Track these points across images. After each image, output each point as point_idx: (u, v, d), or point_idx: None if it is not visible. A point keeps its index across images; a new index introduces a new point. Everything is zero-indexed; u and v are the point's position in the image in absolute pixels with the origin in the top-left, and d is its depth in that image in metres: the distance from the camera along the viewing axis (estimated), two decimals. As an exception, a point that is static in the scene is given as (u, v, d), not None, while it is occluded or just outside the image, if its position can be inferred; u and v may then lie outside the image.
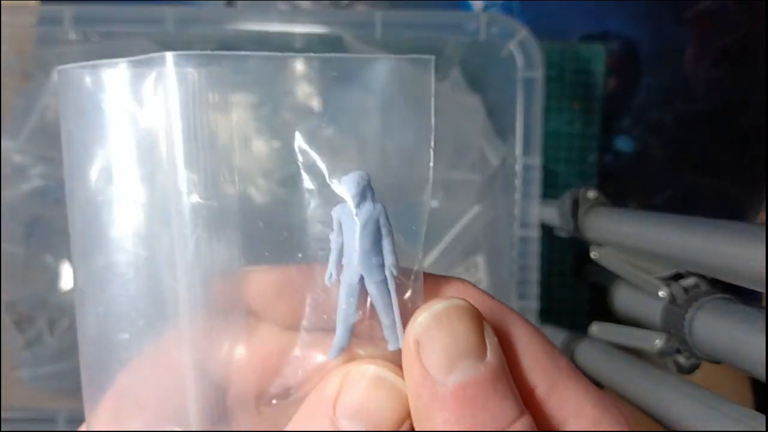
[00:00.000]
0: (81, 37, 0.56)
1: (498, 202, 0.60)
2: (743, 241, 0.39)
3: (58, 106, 0.23)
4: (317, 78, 0.22)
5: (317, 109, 0.22)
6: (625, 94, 0.68)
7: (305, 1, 0.66)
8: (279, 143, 0.22)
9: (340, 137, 0.22)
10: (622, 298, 0.55)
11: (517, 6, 0.67)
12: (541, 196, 0.56)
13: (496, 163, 0.60)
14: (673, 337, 0.46)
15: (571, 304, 0.67)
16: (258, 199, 0.23)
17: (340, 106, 0.22)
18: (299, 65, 0.22)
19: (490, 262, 0.62)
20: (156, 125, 0.22)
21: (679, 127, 0.68)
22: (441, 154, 0.62)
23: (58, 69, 0.22)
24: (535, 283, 0.56)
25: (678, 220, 0.46)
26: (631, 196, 0.69)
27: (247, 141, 0.22)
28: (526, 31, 0.56)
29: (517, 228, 0.56)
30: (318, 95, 0.22)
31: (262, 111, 0.22)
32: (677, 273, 0.47)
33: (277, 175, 0.23)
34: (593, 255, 0.54)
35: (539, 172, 0.56)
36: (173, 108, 0.21)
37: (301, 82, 0.22)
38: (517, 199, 0.56)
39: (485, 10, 0.66)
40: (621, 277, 0.53)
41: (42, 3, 0.62)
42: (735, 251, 0.40)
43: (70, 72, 0.22)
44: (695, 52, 0.67)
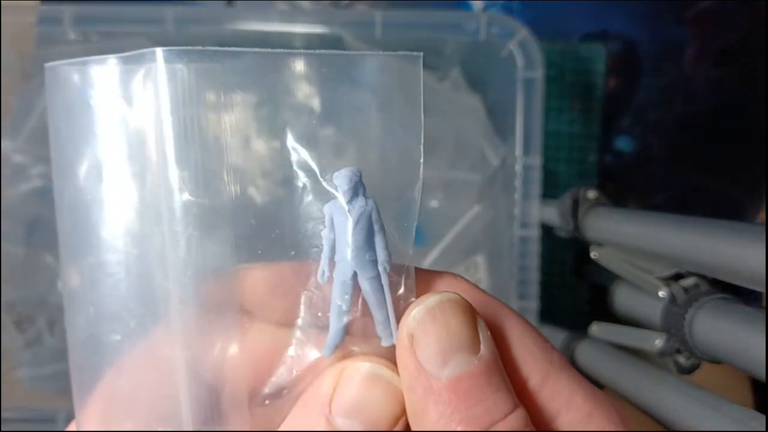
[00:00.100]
0: (81, 37, 0.56)
1: (498, 202, 0.60)
2: (743, 241, 0.39)
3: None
4: (308, 75, 0.22)
5: (308, 106, 0.22)
6: (625, 94, 0.67)
7: (305, 1, 0.66)
8: (270, 140, 0.22)
9: (331, 134, 0.22)
10: (622, 298, 0.55)
11: (517, 6, 0.66)
12: (541, 196, 0.56)
13: (496, 163, 0.60)
14: (673, 337, 0.46)
15: (571, 304, 0.66)
16: (250, 197, 0.22)
17: (331, 103, 0.22)
18: (290, 62, 0.22)
19: (490, 262, 0.61)
20: (146, 122, 0.21)
21: (679, 127, 0.68)
22: (441, 154, 0.62)
23: (45, 66, 0.22)
24: (535, 283, 0.56)
25: (678, 220, 0.46)
26: (631, 196, 0.69)
27: (239, 138, 0.22)
28: (526, 31, 0.56)
29: (517, 228, 0.56)
30: (309, 92, 0.22)
31: (253, 108, 0.22)
32: (677, 273, 0.47)
33: (268, 172, 0.22)
34: (593, 255, 0.54)
35: (539, 172, 0.56)
36: (164, 105, 0.21)
37: (293, 79, 0.22)
38: (517, 199, 0.56)
39: (485, 10, 0.66)
40: (621, 277, 0.53)
41: (42, 3, 0.62)
42: (735, 251, 0.40)
43: (57, 69, 0.22)
44: (695, 52, 0.67)
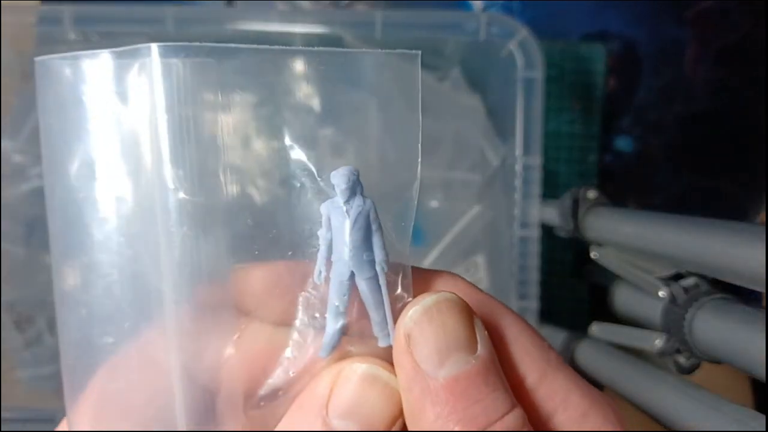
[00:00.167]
0: (81, 37, 0.56)
1: (498, 202, 0.60)
2: (743, 241, 0.39)
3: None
4: (306, 73, 0.21)
5: (306, 104, 0.22)
6: (625, 94, 0.67)
7: (305, 1, 0.65)
8: (267, 139, 0.22)
9: (328, 133, 0.22)
10: (622, 298, 0.55)
11: (517, 6, 0.66)
12: (541, 196, 0.56)
13: (496, 163, 0.60)
14: (673, 337, 0.46)
15: (571, 304, 0.66)
16: (247, 196, 0.22)
17: (329, 101, 0.22)
18: (287, 59, 0.21)
19: (490, 262, 0.61)
20: (140, 119, 0.21)
21: (679, 127, 0.68)
22: (441, 154, 0.62)
23: (36, 60, 0.21)
24: (535, 283, 0.56)
25: (678, 220, 0.46)
26: (631, 196, 0.69)
27: (236, 136, 0.22)
28: (526, 31, 0.56)
29: (517, 228, 0.56)
30: (306, 90, 0.22)
31: (250, 106, 0.22)
32: (677, 273, 0.47)
33: (265, 171, 0.22)
34: (593, 255, 0.54)
35: (539, 172, 0.56)
36: (159, 101, 0.20)
37: (290, 77, 0.21)
38: (517, 199, 0.56)
39: (485, 10, 0.66)
40: (621, 277, 0.53)
41: (42, 3, 0.62)
42: (735, 251, 0.40)
43: (49, 63, 0.22)
44: (695, 52, 0.67)
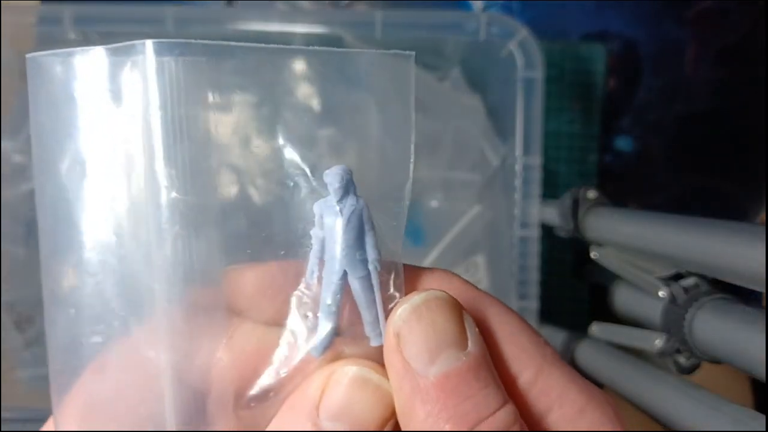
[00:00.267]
0: (81, 37, 0.56)
1: (498, 202, 0.60)
2: (743, 241, 0.39)
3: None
4: (300, 72, 0.21)
5: (300, 103, 0.22)
6: (625, 94, 0.67)
7: (305, 1, 0.65)
8: (261, 138, 0.22)
9: (322, 132, 0.22)
10: (622, 298, 0.55)
11: (517, 6, 0.66)
12: (541, 196, 0.56)
13: (496, 163, 0.60)
14: (673, 337, 0.46)
15: (571, 304, 0.66)
16: (240, 196, 0.22)
17: (322, 100, 0.22)
18: (282, 58, 0.21)
19: (490, 262, 0.61)
20: (133, 117, 0.21)
21: (679, 127, 0.68)
22: (441, 154, 0.62)
23: (27, 56, 0.21)
24: (535, 283, 0.56)
25: (678, 220, 0.46)
26: (631, 196, 0.69)
27: (230, 135, 0.22)
28: (526, 31, 0.55)
29: (517, 228, 0.56)
30: (301, 89, 0.22)
31: (245, 105, 0.21)
32: (677, 273, 0.47)
33: (258, 170, 0.22)
34: (593, 255, 0.54)
35: (539, 172, 0.56)
36: (152, 99, 0.20)
37: (285, 76, 0.21)
38: (517, 199, 0.56)
39: (485, 10, 0.66)
40: (621, 277, 0.52)
41: (42, 3, 0.62)
42: (735, 251, 0.40)
43: (40, 60, 0.21)
44: (695, 52, 0.66)
